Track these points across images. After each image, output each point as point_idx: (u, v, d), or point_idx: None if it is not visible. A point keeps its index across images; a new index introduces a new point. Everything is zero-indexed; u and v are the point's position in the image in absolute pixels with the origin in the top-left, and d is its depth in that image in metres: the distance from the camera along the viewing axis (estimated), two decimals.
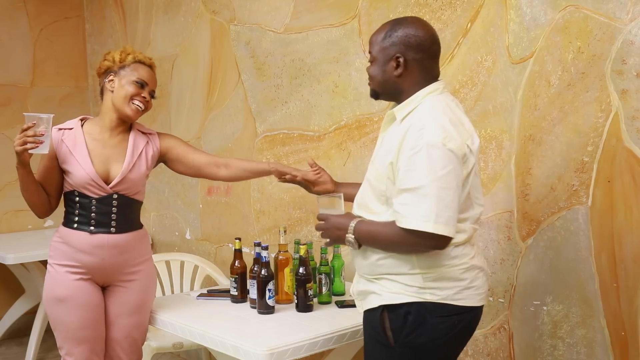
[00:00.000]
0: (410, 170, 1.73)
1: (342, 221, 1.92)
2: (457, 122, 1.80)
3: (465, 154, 1.76)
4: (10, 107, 4.48)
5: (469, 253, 1.85)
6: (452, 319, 1.81)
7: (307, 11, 3.10)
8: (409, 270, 1.81)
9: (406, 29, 1.84)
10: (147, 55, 2.50)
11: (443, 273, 1.80)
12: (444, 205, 1.70)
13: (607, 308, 2.15)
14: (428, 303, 1.80)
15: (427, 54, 1.86)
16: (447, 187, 1.71)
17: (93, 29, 4.75)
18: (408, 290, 1.81)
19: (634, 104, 2.06)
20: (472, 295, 1.85)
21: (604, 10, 2.10)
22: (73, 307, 2.36)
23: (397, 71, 1.85)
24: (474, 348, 2.53)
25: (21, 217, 4.54)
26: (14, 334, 4.33)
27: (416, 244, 1.75)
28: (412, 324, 1.80)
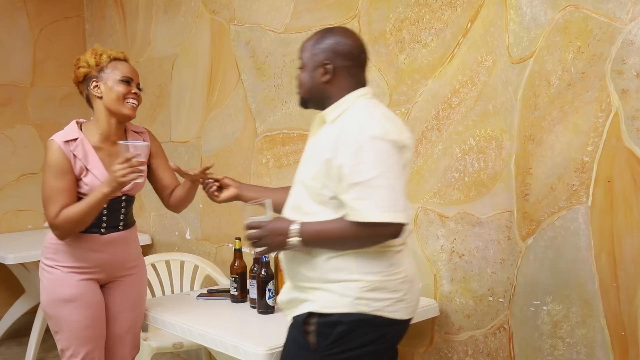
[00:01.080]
0: (358, 164, 1.72)
1: (280, 225, 1.83)
2: (391, 118, 1.84)
3: (404, 146, 1.80)
4: (10, 107, 4.48)
5: (403, 262, 1.85)
6: (381, 331, 1.80)
7: (307, 11, 3.10)
8: (345, 276, 1.78)
9: (336, 37, 1.87)
10: (117, 50, 2.46)
11: (379, 283, 1.78)
12: (397, 194, 1.73)
13: (607, 308, 2.15)
14: (361, 314, 1.77)
15: (355, 62, 1.88)
16: (396, 177, 1.74)
17: (93, 29, 4.75)
18: (343, 300, 1.78)
19: (634, 104, 2.06)
20: (404, 308, 1.83)
21: (604, 10, 2.10)
22: (80, 307, 2.36)
23: (325, 77, 1.86)
24: (474, 348, 2.53)
25: (21, 217, 4.54)
26: (14, 334, 4.32)
27: (374, 236, 1.75)
28: (340, 333, 1.77)
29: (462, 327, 2.57)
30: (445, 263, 2.60)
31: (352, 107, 1.84)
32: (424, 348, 2.70)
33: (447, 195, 2.58)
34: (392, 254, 1.81)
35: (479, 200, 2.48)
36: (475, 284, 2.51)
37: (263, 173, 3.38)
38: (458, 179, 2.54)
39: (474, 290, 2.52)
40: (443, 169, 2.59)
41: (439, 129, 2.59)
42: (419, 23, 2.63)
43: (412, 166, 2.68)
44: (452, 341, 2.60)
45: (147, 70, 4.14)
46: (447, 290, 2.60)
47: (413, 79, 2.67)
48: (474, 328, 2.53)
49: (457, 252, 2.56)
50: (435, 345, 2.66)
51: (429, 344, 2.68)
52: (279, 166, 3.31)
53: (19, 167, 4.50)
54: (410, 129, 2.67)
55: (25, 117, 4.54)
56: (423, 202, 2.67)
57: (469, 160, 2.50)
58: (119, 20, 4.45)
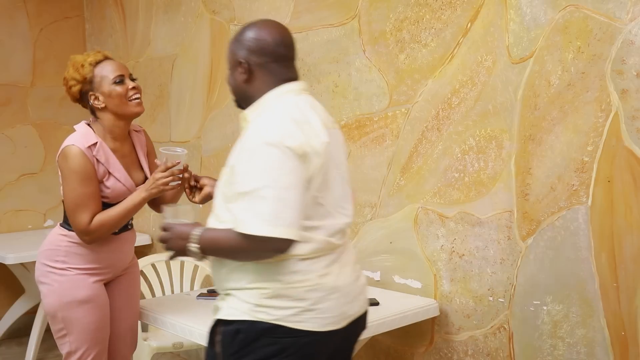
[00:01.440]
0: (248, 172, 1.64)
1: (185, 230, 1.76)
2: (302, 121, 1.69)
3: (306, 153, 1.64)
4: (10, 107, 4.48)
5: (317, 270, 1.70)
6: (282, 342, 1.67)
7: (307, 11, 3.10)
8: (246, 284, 1.69)
9: (250, 33, 1.77)
10: (93, 51, 2.43)
11: (280, 290, 1.66)
12: (283, 206, 1.60)
13: (607, 308, 2.15)
14: (260, 323, 1.67)
15: (271, 57, 1.75)
16: (286, 187, 1.61)
17: (93, 29, 4.75)
18: (243, 307, 1.69)
19: (634, 104, 2.06)
20: (314, 319, 1.67)
21: (604, 10, 2.10)
22: (94, 308, 2.36)
23: (243, 77, 1.77)
24: (474, 348, 2.53)
25: (21, 217, 4.54)
26: (14, 334, 4.32)
27: (258, 249, 1.63)
28: (240, 342, 1.68)
29: (462, 327, 2.57)
30: (445, 263, 2.60)
31: (269, 107, 1.74)
32: (424, 348, 2.70)
33: (447, 195, 2.58)
34: (293, 262, 1.67)
35: (479, 200, 2.48)
36: (475, 284, 2.51)
37: None
38: (458, 179, 2.54)
39: (474, 290, 2.52)
40: (443, 169, 2.59)
41: (439, 129, 2.59)
42: (419, 23, 2.63)
43: (412, 166, 2.69)
44: (452, 341, 2.60)
45: (147, 70, 4.14)
46: (447, 290, 2.60)
47: (413, 79, 2.67)
48: (474, 328, 2.53)
49: (457, 252, 2.56)
50: (435, 345, 2.66)
51: (429, 344, 2.68)
52: None
53: (19, 167, 4.50)
54: (410, 129, 2.68)
55: (25, 117, 4.54)
56: (423, 202, 2.67)
57: (469, 160, 2.50)
58: (119, 20, 4.45)
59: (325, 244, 1.71)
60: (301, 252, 1.67)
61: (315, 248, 1.69)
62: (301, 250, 1.67)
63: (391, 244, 2.80)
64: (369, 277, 2.87)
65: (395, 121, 2.75)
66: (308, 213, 1.67)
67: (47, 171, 4.55)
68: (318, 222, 1.71)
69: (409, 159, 2.70)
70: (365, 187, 2.88)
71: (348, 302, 1.75)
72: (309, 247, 1.68)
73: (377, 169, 2.83)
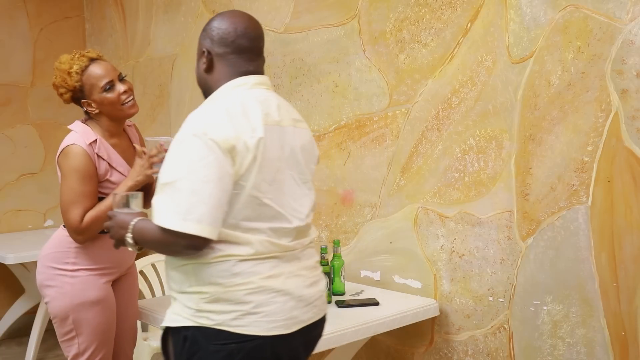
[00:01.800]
0: (171, 162, 1.59)
1: (125, 219, 1.71)
2: (238, 114, 1.62)
3: (233, 147, 1.57)
4: (10, 107, 4.49)
5: (260, 272, 1.61)
6: (228, 348, 1.58)
7: (307, 11, 3.10)
8: (187, 287, 1.63)
9: (215, 22, 1.73)
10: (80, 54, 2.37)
11: (220, 294, 1.59)
12: (197, 200, 1.52)
13: (607, 308, 2.15)
14: (204, 328, 1.60)
15: (230, 49, 1.71)
16: (205, 181, 1.53)
17: (93, 29, 4.75)
18: (186, 312, 1.62)
19: (634, 104, 2.06)
20: (257, 322, 1.59)
21: (604, 10, 2.10)
22: (104, 309, 2.36)
23: (204, 66, 1.74)
24: (474, 348, 2.53)
25: (21, 217, 4.54)
26: (14, 334, 4.33)
27: (171, 244, 1.57)
28: (188, 350, 1.61)
29: (462, 327, 2.57)
30: (445, 263, 2.60)
31: (215, 99, 1.70)
32: (424, 348, 2.70)
33: (447, 195, 2.58)
34: (232, 263, 1.60)
35: (479, 200, 2.48)
36: (475, 284, 2.51)
37: None
38: (458, 179, 2.54)
39: (474, 290, 2.52)
40: (443, 169, 2.59)
41: (439, 129, 2.59)
42: (419, 23, 2.63)
43: (412, 166, 2.69)
44: (452, 341, 2.60)
45: (147, 70, 4.14)
46: (447, 290, 2.60)
47: (413, 79, 2.67)
48: (474, 328, 2.53)
49: (457, 252, 2.56)
50: (435, 345, 2.66)
51: (429, 344, 2.68)
52: None
53: (19, 167, 4.50)
54: (410, 129, 2.68)
55: (25, 117, 4.55)
56: (423, 202, 2.67)
57: (469, 160, 2.50)
58: (119, 20, 4.45)
59: (269, 246, 1.64)
60: (241, 253, 1.60)
61: (256, 250, 1.62)
62: (240, 251, 1.60)
63: (391, 244, 2.80)
64: (369, 277, 2.88)
65: (395, 121, 2.75)
66: (248, 213, 1.61)
67: (47, 171, 4.55)
68: (263, 223, 1.64)
69: (409, 159, 2.70)
70: (365, 187, 2.88)
71: (300, 306, 1.67)
72: (248, 250, 1.61)
73: (377, 169, 2.83)
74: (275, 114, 1.70)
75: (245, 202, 1.60)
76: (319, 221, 3.11)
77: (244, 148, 1.59)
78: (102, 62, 2.37)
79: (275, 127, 1.67)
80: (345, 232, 2.99)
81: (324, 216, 3.09)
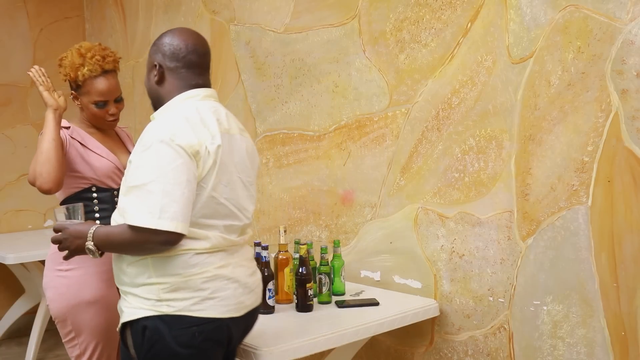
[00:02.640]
0: (139, 167, 1.72)
1: (80, 229, 1.84)
2: (197, 123, 1.77)
3: (197, 152, 1.73)
4: (10, 107, 4.49)
5: (213, 262, 1.78)
6: (190, 331, 1.74)
7: (307, 11, 3.10)
8: (146, 279, 1.76)
9: (166, 38, 1.88)
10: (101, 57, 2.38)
11: (180, 283, 1.74)
12: (170, 200, 1.67)
13: (607, 308, 2.15)
14: (164, 316, 1.74)
15: (182, 63, 1.86)
16: (175, 182, 1.68)
17: (93, 29, 4.75)
18: (145, 303, 1.75)
19: (634, 104, 2.06)
20: (214, 306, 1.77)
21: (604, 10, 2.10)
22: (102, 309, 2.35)
23: (155, 79, 1.88)
24: (474, 348, 2.53)
25: (21, 217, 4.54)
26: (14, 334, 4.33)
27: (146, 242, 1.70)
28: (150, 339, 1.74)
29: (462, 327, 2.57)
30: (445, 263, 2.60)
31: (171, 109, 1.83)
32: (424, 348, 2.70)
33: (447, 195, 2.58)
34: (190, 256, 1.75)
35: (479, 200, 2.48)
36: (475, 284, 2.51)
37: (263, 173, 3.38)
38: (458, 179, 2.54)
39: (474, 290, 2.52)
40: (443, 169, 2.59)
41: (439, 129, 2.59)
42: (419, 23, 2.63)
43: (412, 167, 2.69)
44: (452, 341, 2.60)
45: None
46: (447, 290, 2.60)
47: (413, 79, 2.67)
48: (474, 328, 2.53)
49: (457, 252, 2.56)
50: (435, 345, 2.66)
51: (429, 344, 2.68)
52: (279, 166, 3.31)
53: (19, 167, 4.50)
54: (410, 129, 2.68)
55: (25, 117, 4.55)
56: (423, 202, 2.67)
57: (469, 160, 2.50)
58: (119, 20, 4.45)
59: (222, 240, 1.80)
60: (198, 247, 1.76)
61: (212, 244, 1.78)
62: (198, 245, 1.76)
63: (391, 244, 2.80)
64: (369, 277, 2.88)
65: (395, 121, 2.75)
66: (206, 212, 1.77)
67: None
68: (218, 221, 1.80)
69: (409, 159, 2.70)
70: (365, 187, 2.88)
71: (246, 293, 1.85)
72: (204, 244, 1.77)
73: (377, 169, 2.83)
74: (226, 123, 1.86)
75: (204, 202, 1.76)
76: (319, 221, 3.11)
77: (206, 153, 1.75)
78: (111, 78, 2.38)
79: (226, 134, 1.84)
80: (345, 232, 2.99)
81: (324, 216, 3.09)
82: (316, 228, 3.14)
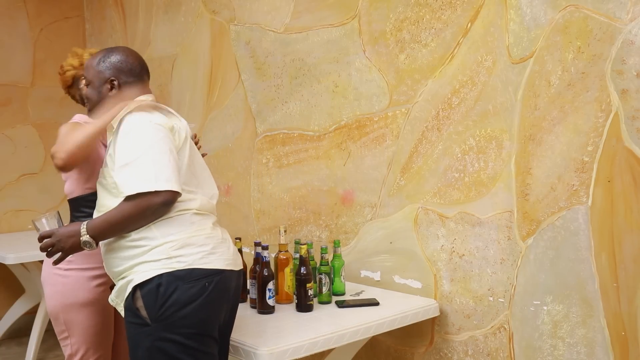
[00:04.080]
0: (126, 147, 1.89)
1: (71, 228, 1.95)
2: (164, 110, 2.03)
3: (172, 127, 1.96)
4: (10, 107, 4.49)
5: (207, 223, 1.98)
6: (201, 282, 1.89)
7: (307, 11, 3.10)
8: (154, 242, 1.90)
9: (118, 56, 2.11)
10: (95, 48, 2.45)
11: (186, 239, 1.91)
12: (160, 166, 1.85)
13: (607, 308, 2.15)
14: (177, 271, 1.87)
15: (136, 77, 2.11)
16: (161, 152, 1.87)
17: (93, 29, 4.75)
18: (156, 265, 1.88)
19: (634, 104, 2.06)
20: (218, 260, 1.94)
21: (604, 10, 2.10)
22: (95, 312, 2.36)
23: (112, 92, 2.08)
24: (474, 348, 2.53)
25: (21, 217, 4.54)
26: (14, 334, 4.33)
27: (148, 206, 1.84)
28: (164, 294, 1.85)
29: (462, 327, 2.57)
30: (445, 263, 2.60)
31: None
32: (424, 348, 2.70)
33: (447, 195, 2.58)
34: (189, 215, 1.94)
35: (479, 200, 2.48)
36: (475, 284, 2.51)
37: (263, 173, 3.38)
38: (458, 179, 2.54)
39: (474, 290, 2.52)
40: (443, 169, 2.59)
41: (439, 129, 2.59)
42: (419, 23, 2.63)
43: (412, 166, 2.69)
44: (452, 341, 2.60)
45: None
46: (447, 290, 2.60)
47: (413, 79, 2.67)
48: (474, 328, 2.53)
49: (457, 252, 2.56)
50: (435, 345, 2.66)
51: (429, 344, 2.68)
52: (279, 166, 3.31)
53: (19, 167, 4.51)
54: (410, 129, 2.68)
55: (25, 117, 4.55)
56: (423, 202, 2.67)
57: (469, 160, 2.50)
58: (119, 20, 4.45)
59: (206, 203, 2.01)
60: (192, 206, 1.95)
61: (201, 203, 1.98)
62: (192, 205, 1.95)
63: (391, 244, 2.80)
64: (369, 277, 2.88)
65: (395, 121, 2.75)
66: (186, 180, 1.96)
67: (47, 171, 4.55)
68: (194, 188, 2.00)
69: (409, 159, 2.71)
70: (365, 187, 2.88)
71: (234, 252, 2.04)
72: (197, 203, 1.97)
73: (377, 169, 2.83)
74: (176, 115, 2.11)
75: (184, 171, 1.96)
76: (319, 221, 3.11)
77: (178, 129, 1.98)
78: None
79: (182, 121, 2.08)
80: (345, 232, 2.99)
81: (324, 216, 3.09)
82: (316, 228, 3.14)
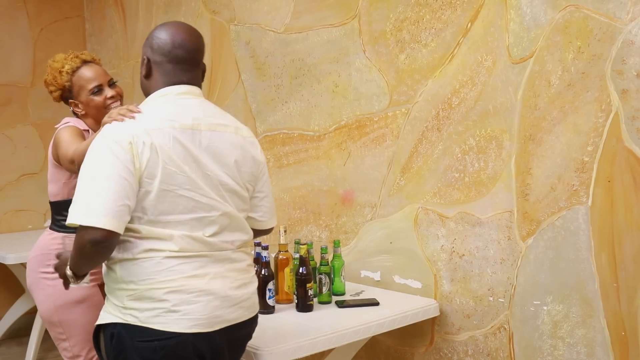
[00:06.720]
0: (83, 165, 1.67)
1: (66, 256, 1.82)
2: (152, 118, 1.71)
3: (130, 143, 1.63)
4: (10, 107, 4.49)
5: (185, 271, 1.67)
6: (152, 345, 1.64)
7: (307, 11, 3.10)
8: (114, 284, 1.70)
9: (155, 32, 1.82)
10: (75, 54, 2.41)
11: (142, 291, 1.65)
12: (95, 195, 1.58)
13: (607, 308, 2.15)
14: (129, 325, 1.66)
15: (167, 58, 1.79)
16: (103, 178, 1.59)
17: (93, 29, 4.75)
18: (115, 309, 1.70)
19: (634, 104, 2.06)
20: (176, 320, 1.64)
21: (604, 10, 2.10)
22: (90, 307, 2.34)
23: (144, 72, 1.83)
24: (474, 348, 2.53)
25: (21, 217, 4.54)
26: (14, 334, 4.33)
27: (82, 244, 1.61)
28: (116, 346, 1.68)
29: (462, 327, 2.57)
30: (445, 263, 2.60)
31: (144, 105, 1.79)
32: (424, 348, 2.70)
33: (447, 195, 2.58)
34: (158, 260, 1.66)
35: (479, 200, 2.48)
36: (475, 284, 2.51)
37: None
38: (458, 179, 2.54)
39: (474, 290, 2.52)
40: (443, 169, 2.59)
41: (439, 129, 2.59)
42: (419, 23, 2.63)
43: (412, 166, 2.69)
44: (452, 341, 2.60)
45: None
46: (447, 290, 2.60)
47: (413, 79, 2.67)
48: (474, 328, 2.53)
49: (457, 252, 2.56)
50: (435, 345, 2.66)
51: (429, 344, 2.68)
52: (279, 166, 3.31)
53: (19, 167, 4.51)
54: (410, 129, 2.68)
55: (25, 117, 4.55)
56: (423, 202, 2.67)
57: (469, 160, 2.50)
58: (119, 20, 4.45)
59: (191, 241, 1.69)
60: (164, 248, 1.66)
61: (180, 246, 1.67)
62: (164, 246, 1.66)
63: (391, 244, 2.80)
64: (369, 277, 2.88)
65: (395, 121, 2.75)
66: (164, 207, 1.66)
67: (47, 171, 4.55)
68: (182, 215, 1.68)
69: (409, 159, 2.71)
70: (365, 187, 2.88)
71: (225, 306, 1.72)
72: (172, 245, 1.67)
73: (377, 169, 2.83)
74: (189, 120, 1.74)
75: (157, 196, 1.65)
76: (319, 221, 3.11)
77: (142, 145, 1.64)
78: (94, 65, 2.41)
79: (188, 130, 1.72)
80: (345, 232, 2.99)
81: (324, 216, 3.09)
82: (316, 228, 3.14)
